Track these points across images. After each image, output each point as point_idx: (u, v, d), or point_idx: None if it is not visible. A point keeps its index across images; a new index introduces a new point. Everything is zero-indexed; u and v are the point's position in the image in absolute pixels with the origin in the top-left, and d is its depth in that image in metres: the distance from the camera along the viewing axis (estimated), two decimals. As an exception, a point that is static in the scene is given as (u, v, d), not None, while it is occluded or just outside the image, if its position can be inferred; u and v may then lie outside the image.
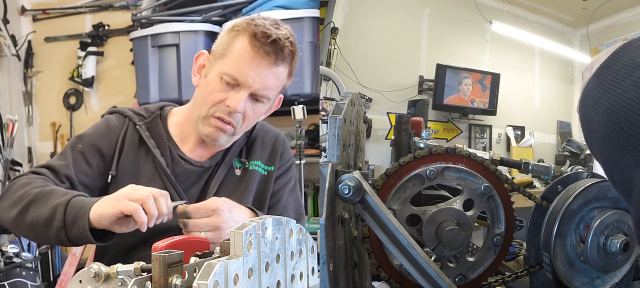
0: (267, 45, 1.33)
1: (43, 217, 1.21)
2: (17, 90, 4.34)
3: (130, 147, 1.45)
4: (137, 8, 3.98)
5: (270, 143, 1.59)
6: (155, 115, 1.51)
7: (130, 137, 1.46)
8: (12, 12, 4.22)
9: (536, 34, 5.19)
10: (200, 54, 1.47)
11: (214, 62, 1.41)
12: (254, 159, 1.54)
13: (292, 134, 3.54)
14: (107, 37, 4.27)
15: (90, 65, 4.22)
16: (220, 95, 1.37)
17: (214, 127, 1.40)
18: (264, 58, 1.35)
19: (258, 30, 1.34)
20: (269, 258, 0.74)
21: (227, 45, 1.38)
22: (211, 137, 1.43)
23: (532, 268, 0.95)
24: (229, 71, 1.35)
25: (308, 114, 3.07)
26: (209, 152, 1.51)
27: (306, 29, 3.25)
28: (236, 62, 1.35)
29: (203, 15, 3.48)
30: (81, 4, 4.31)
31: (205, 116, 1.40)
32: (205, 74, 1.42)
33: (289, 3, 3.30)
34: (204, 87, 1.41)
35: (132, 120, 1.47)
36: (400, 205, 0.82)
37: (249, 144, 1.55)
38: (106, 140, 1.45)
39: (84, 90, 4.28)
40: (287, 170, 1.61)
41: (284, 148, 1.62)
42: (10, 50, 4.16)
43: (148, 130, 1.47)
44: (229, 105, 1.36)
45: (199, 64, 1.46)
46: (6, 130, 3.79)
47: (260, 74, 1.36)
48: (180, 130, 1.50)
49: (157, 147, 1.45)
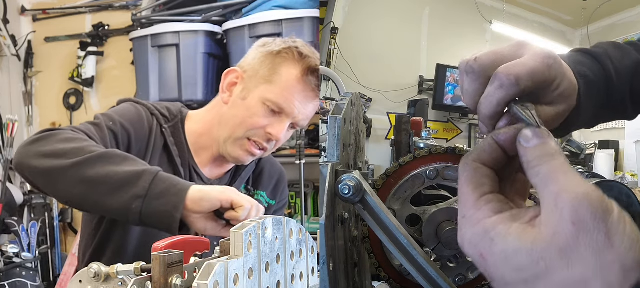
0: (316, 80, 1.35)
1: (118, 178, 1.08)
2: (17, 90, 4.35)
3: (156, 148, 1.39)
4: (137, 8, 3.98)
5: (276, 177, 1.60)
6: (178, 119, 1.44)
7: (158, 138, 1.39)
8: (12, 12, 4.22)
9: (536, 34, 5.20)
10: (231, 71, 1.42)
11: (251, 83, 1.36)
12: (260, 189, 1.55)
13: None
14: (107, 37, 4.27)
15: (90, 65, 4.22)
16: (262, 121, 1.35)
17: (245, 151, 1.38)
18: (312, 91, 1.36)
19: (311, 63, 1.34)
20: (269, 258, 0.74)
21: (273, 71, 1.34)
22: (239, 159, 1.41)
23: (532, 268, 0.95)
24: (276, 99, 1.33)
25: (308, 114, 3.07)
26: (220, 170, 1.48)
27: (306, 29, 3.25)
28: (285, 91, 1.33)
29: (203, 15, 3.48)
30: (81, 4, 4.32)
31: (239, 138, 1.37)
32: (242, 96, 1.37)
33: (289, 3, 3.30)
34: (242, 109, 1.36)
35: (159, 121, 1.41)
36: (400, 205, 0.82)
37: (256, 173, 1.55)
38: (137, 129, 1.35)
39: (84, 90, 4.28)
40: (283, 207, 1.64)
41: (285, 185, 1.64)
42: (10, 50, 4.16)
43: (173, 136, 1.41)
44: (271, 133, 1.35)
45: (229, 82, 1.41)
46: (6, 130, 3.80)
47: (306, 106, 1.37)
48: (195, 141, 1.44)
49: (179, 156, 1.40)
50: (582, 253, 0.37)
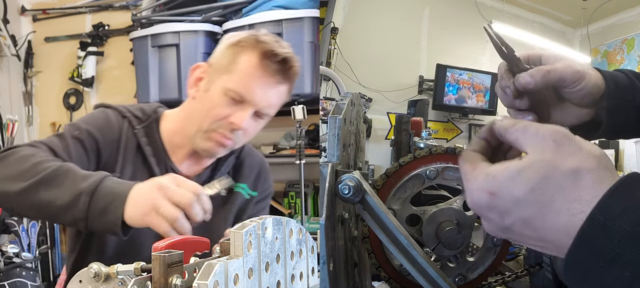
0: (276, 64, 1.33)
1: (60, 202, 1.10)
2: (17, 90, 4.35)
3: (128, 150, 1.39)
4: (137, 8, 3.98)
5: (256, 168, 1.59)
6: (152, 119, 1.44)
7: (130, 140, 1.40)
8: (12, 12, 4.22)
9: (536, 34, 5.19)
10: (197, 66, 1.43)
11: (215, 76, 1.37)
12: (241, 181, 1.54)
13: (292, 133, 3.54)
14: (107, 37, 4.27)
15: (90, 65, 4.22)
16: (224, 110, 1.34)
17: (214, 142, 1.38)
18: (272, 76, 1.34)
19: (267, 47, 1.32)
20: (269, 258, 0.74)
21: (232, 61, 1.34)
22: (210, 151, 1.41)
23: (532, 268, 0.95)
24: (235, 88, 1.32)
25: (308, 114, 3.07)
26: (197, 167, 1.48)
27: (306, 29, 3.25)
28: (244, 78, 1.32)
29: (203, 15, 3.48)
30: (81, 4, 4.32)
31: (206, 130, 1.37)
32: (205, 88, 1.38)
33: (289, 3, 3.30)
34: (206, 101, 1.36)
35: (131, 123, 1.41)
36: (400, 205, 0.82)
37: (236, 166, 1.54)
38: (105, 134, 1.36)
39: (84, 90, 4.28)
40: (266, 197, 1.63)
41: (267, 175, 1.63)
42: (10, 50, 4.16)
43: (145, 136, 1.41)
44: (234, 121, 1.34)
45: (195, 77, 1.41)
46: (6, 130, 3.79)
47: (267, 92, 1.35)
48: (170, 140, 1.44)
49: (154, 156, 1.40)
50: (566, 156, 0.51)
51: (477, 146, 0.62)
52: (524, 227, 0.53)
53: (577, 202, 0.49)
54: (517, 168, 0.52)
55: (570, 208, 0.49)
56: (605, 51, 5.47)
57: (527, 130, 0.55)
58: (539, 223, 0.51)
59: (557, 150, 0.52)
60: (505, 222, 0.54)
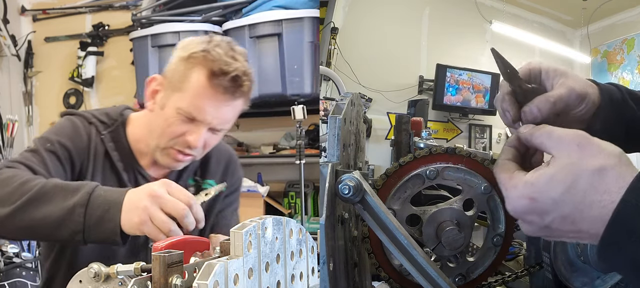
0: (227, 82, 1.29)
1: (54, 217, 1.09)
2: (17, 90, 4.35)
3: (97, 157, 1.38)
4: (137, 8, 3.98)
5: (224, 161, 1.59)
6: (118, 123, 1.43)
7: (99, 146, 1.39)
8: (12, 12, 4.22)
9: (536, 34, 5.19)
10: (153, 79, 1.40)
11: (169, 92, 1.35)
12: (208, 178, 1.54)
13: (292, 133, 3.54)
14: (107, 37, 4.27)
15: (90, 65, 4.22)
16: (179, 129, 1.33)
17: (172, 158, 1.38)
18: (223, 95, 1.30)
19: (216, 66, 1.28)
20: (269, 258, 0.74)
21: (184, 78, 1.32)
22: (169, 166, 1.41)
23: (532, 268, 0.95)
24: (187, 108, 1.30)
25: (308, 113, 3.07)
26: (165, 169, 1.47)
27: (306, 29, 3.25)
28: (194, 99, 1.30)
29: (203, 15, 3.48)
30: (81, 4, 4.32)
31: (164, 147, 1.36)
32: (161, 105, 1.36)
33: (289, 3, 3.30)
34: (161, 118, 1.35)
35: (97, 129, 1.40)
36: (400, 205, 0.82)
37: (203, 161, 1.53)
38: (75, 143, 1.35)
39: (84, 90, 4.29)
40: (235, 190, 1.63)
41: (236, 168, 1.62)
42: (10, 50, 4.16)
43: (112, 141, 1.40)
44: (189, 140, 1.33)
45: (152, 89, 1.39)
46: (6, 130, 3.80)
47: (219, 110, 1.33)
48: (136, 145, 1.43)
49: (121, 161, 1.40)
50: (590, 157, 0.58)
51: (509, 154, 0.69)
52: (563, 223, 0.60)
53: (606, 193, 0.57)
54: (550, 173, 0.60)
55: (601, 200, 0.57)
56: (605, 51, 5.47)
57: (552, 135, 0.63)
58: (577, 217, 0.59)
59: (581, 152, 0.59)
60: (545, 221, 0.61)
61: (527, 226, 0.64)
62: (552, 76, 0.79)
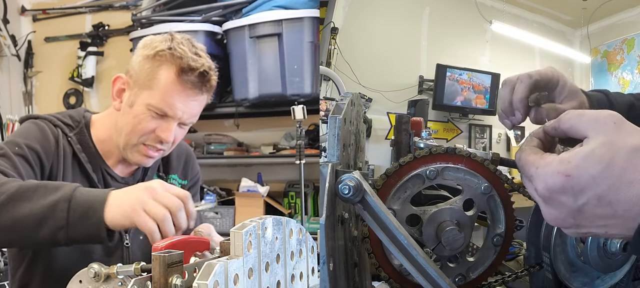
0: (194, 78, 1.35)
1: (36, 214, 1.08)
2: (17, 90, 4.35)
3: (66, 159, 1.39)
4: (137, 8, 3.98)
5: (183, 157, 1.64)
6: (82, 125, 1.45)
7: (67, 148, 1.40)
8: (12, 12, 4.22)
9: (536, 34, 5.19)
10: (118, 78, 1.43)
11: (136, 90, 1.38)
12: (171, 173, 1.59)
13: (292, 133, 3.54)
14: (107, 37, 4.27)
15: (90, 65, 4.22)
16: (150, 125, 1.37)
17: (143, 155, 1.41)
18: (191, 90, 1.37)
19: (184, 63, 1.34)
20: (269, 258, 0.74)
21: (152, 76, 1.36)
22: (141, 163, 1.44)
23: (532, 268, 0.95)
24: (157, 104, 1.35)
25: (308, 113, 3.07)
26: (131, 167, 1.51)
27: (306, 29, 3.25)
28: (164, 95, 1.35)
29: (203, 15, 3.48)
30: (81, 4, 4.32)
31: (134, 144, 1.39)
32: (129, 103, 1.39)
33: (289, 3, 3.30)
34: (130, 117, 1.38)
35: (64, 131, 1.41)
36: (400, 205, 0.82)
37: (164, 159, 1.58)
38: (43, 146, 1.35)
39: (84, 90, 4.29)
40: (195, 183, 1.68)
41: (194, 162, 1.68)
42: (10, 50, 4.16)
43: (79, 143, 1.42)
44: (160, 135, 1.38)
45: (117, 88, 1.42)
46: (6, 130, 3.80)
47: (188, 104, 1.38)
48: (101, 146, 1.46)
49: (89, 162, 1.42)
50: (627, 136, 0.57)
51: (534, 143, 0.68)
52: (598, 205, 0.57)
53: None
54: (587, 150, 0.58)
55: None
56: (605, 51, 5.47)
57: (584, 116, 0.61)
58: (614, 197, 0.56)
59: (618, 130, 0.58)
60: (579, 201, 0.58)
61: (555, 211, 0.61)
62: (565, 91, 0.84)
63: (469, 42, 5.00)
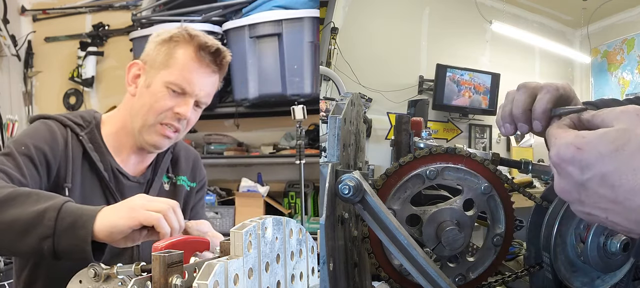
0: (210, 55, 1.42)
1: (22, 221, 1.06)
2: (17, 90, 4.35)
3: (75, 159, 1.39)
4: (137, 8, 3.98)
5: (192, 160, 1.67)
6: (93, 124, 1.45)
7: (76, 148, 1.40)
8: (12, 12, 4.22)
9: (536, 34, 5.19)
10: (133, 64, 1.47)
11: (153, 71, 1.42)
12: (180, 174, 1.62)
13: (292, 133, 3.54)
14: (107, 37, 4.27)
15: (90, 65, 4.22)
16: (168, 102, 1.41)
17: (160, 135, 1.43)
18: (207, 67, 1.43)
19: (201, 41, 1.42)
20: (269, 258, 0.74)
21: (169, 56, 1.41)
22: (157, 144, 1.45)
23: (532, 268, 0.95)
24: (176, 80, 1.40)
25: (308, 113, 3.07)
26: (142, 165, 1.52)
27: (306, 29, 3.25)
28: (183, 71, 1.40)
29: (203, 15, 3.48)
30: (81, 4, 4.32)
31: (151, 124, 1.42)
32: (146, 84, 1.43)
33: (289, 3, 3.30)
34: (148, 96, 1.42)
35: (73, 130, 1.41)
36: (400, 205, 0.82)
37: (173, 160, 1.61)
38: (51, 146, 1.34)
39: (84, 90, 4.28)
40: (203, 187, 1.71)
41: (201, 166, 1.72)
42: (10, 50, 4.16)
43: (90, 142, 1.43)
44: (179, 112, 1.41)
45: (133, 74, 1.46)
46: (6, 130, 3.80)
47: (204, 81, 1.44)
48: (113, 140, 1.47)
49: (100, 161, 1.42)
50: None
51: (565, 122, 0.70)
52: (601, 184, 0.58)
53: None
54: (604, 131, 0.59)
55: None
56: (605, 51, 5.47)
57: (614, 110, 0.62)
58: (617, 181, 0.57)
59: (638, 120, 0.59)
60: (584, 176, 0.59)
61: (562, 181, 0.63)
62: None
63: (469, 42, 4.99)
